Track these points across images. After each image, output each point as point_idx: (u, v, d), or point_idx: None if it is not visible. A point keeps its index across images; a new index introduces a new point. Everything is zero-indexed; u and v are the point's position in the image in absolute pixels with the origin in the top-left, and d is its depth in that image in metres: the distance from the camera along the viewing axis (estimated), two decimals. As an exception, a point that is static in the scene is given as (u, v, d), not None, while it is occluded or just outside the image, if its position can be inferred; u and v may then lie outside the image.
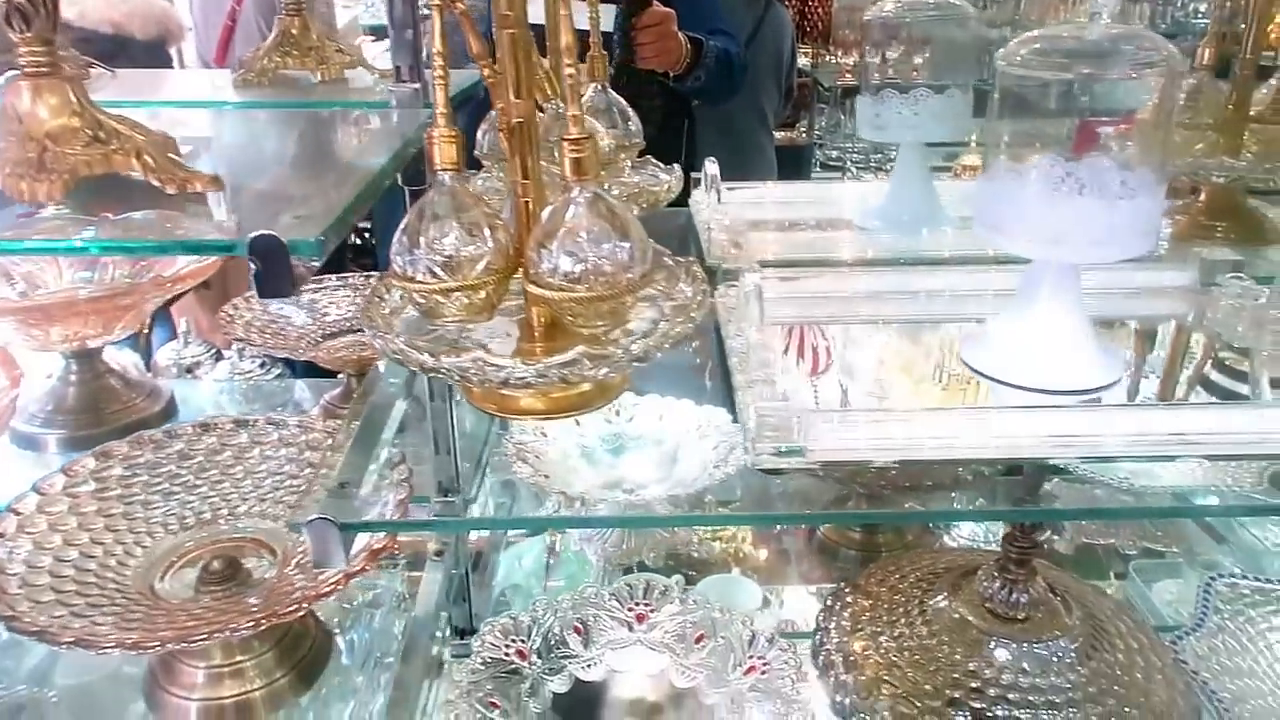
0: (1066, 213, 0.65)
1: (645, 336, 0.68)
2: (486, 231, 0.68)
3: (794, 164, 3.28)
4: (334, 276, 1.32)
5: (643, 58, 1.71)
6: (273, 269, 0.52)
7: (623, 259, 0.66)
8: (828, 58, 3.98)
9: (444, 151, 0.67)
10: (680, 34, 1.78)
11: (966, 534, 1.27)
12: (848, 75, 3.91)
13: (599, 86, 1.09)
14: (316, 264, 1.33)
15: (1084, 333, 0.73)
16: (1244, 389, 0.80)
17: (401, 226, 0.67)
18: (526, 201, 0.72)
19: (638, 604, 0.97)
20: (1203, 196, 1.09)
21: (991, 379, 0.73)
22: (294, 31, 1.05)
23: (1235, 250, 1.06)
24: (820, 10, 3.95)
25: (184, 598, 0.76)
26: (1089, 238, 0.65)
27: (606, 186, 1.04)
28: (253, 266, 0.52)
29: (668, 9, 1.75)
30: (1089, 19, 0.65)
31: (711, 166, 1.08)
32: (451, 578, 1.02)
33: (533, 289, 0.67)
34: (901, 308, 0.87)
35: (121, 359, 1.67)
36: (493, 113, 0.79)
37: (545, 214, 0.67)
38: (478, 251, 0.67)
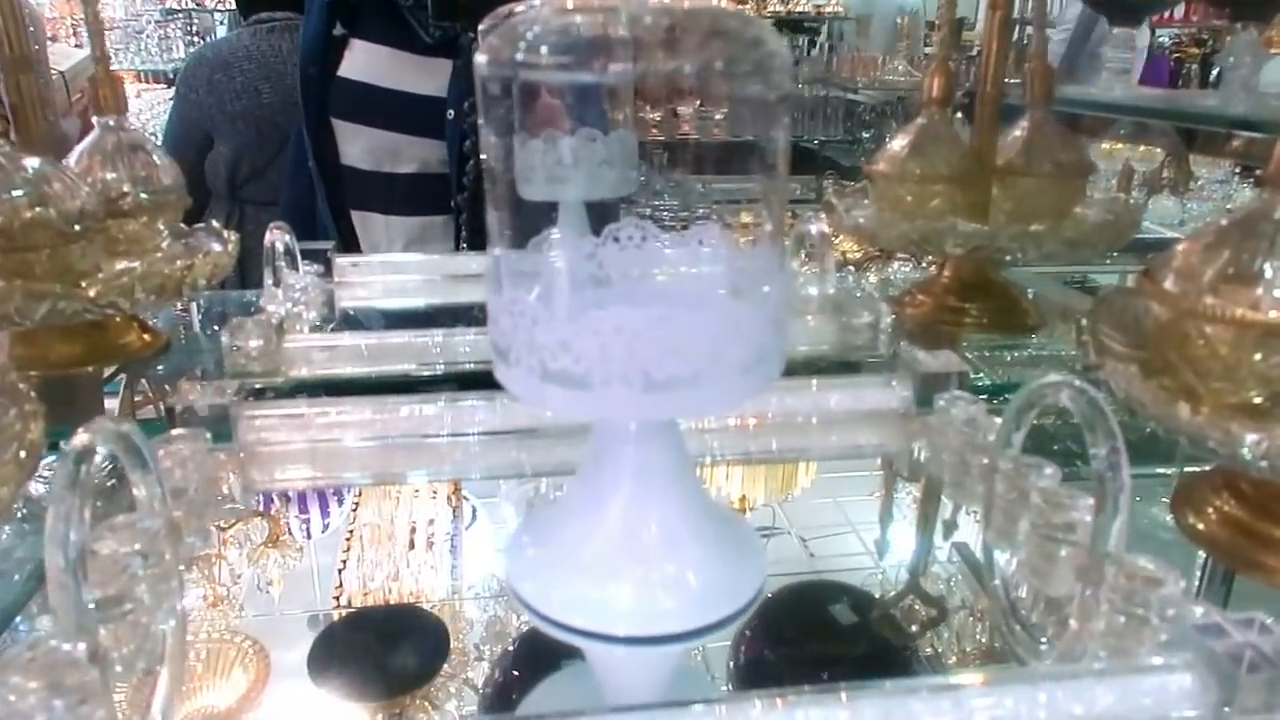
0: (601, 338, 0.35)
1: None
2: None
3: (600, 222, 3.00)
4: None
5: None
6: None
7: None
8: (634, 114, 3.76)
9: None
10: None
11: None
12: (654, 131, 3.72)
13: (109, 122, 0.75)
14: None
15: (689, 529, 0.43)
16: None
17: None
18: None
19: None
20: (947, 271, 0.84)
21: (534, 613, 0.42)
22: None
23: (990, 337, 0.81)
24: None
25: None
26: (642, 380, 0.36)
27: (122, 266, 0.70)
28: None
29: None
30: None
31: (277, 235, 0.75)
32: None
33: None
34: (447, 459, 0.55)
35: None
36: None
37: None
38: None
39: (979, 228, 0.72)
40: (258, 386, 0.64)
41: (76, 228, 0.65)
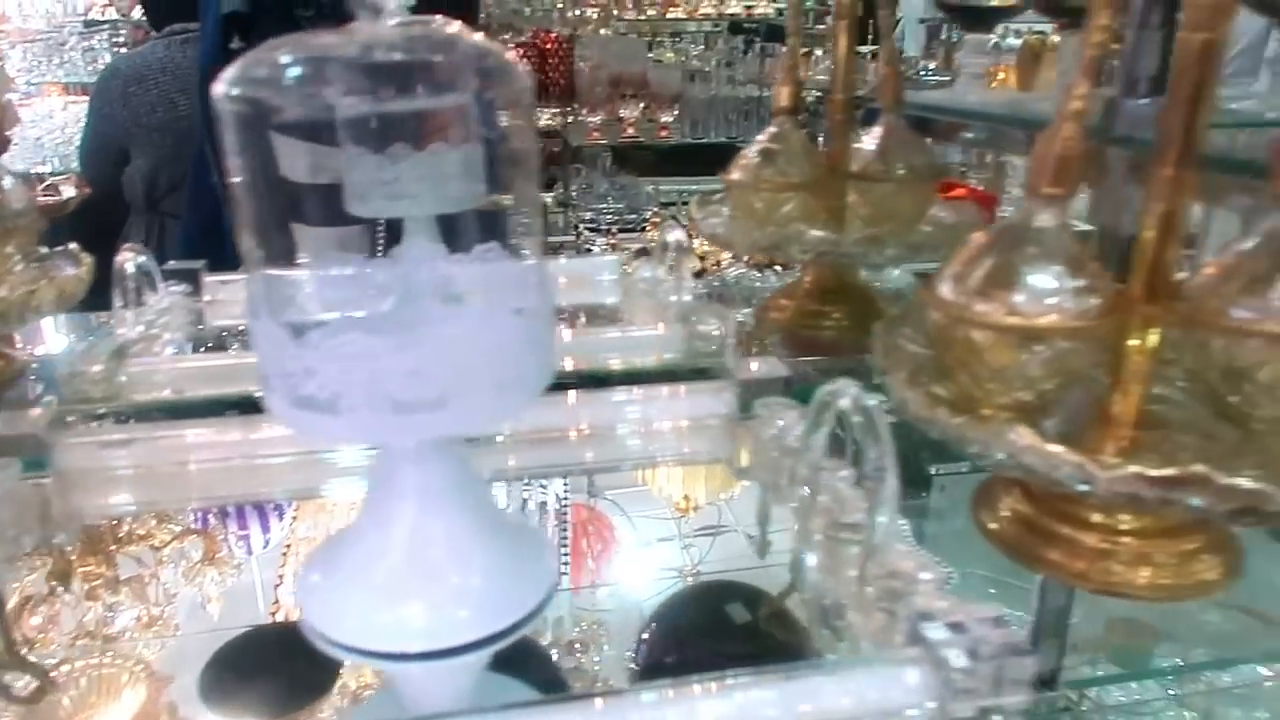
0: (344, 364, 0.36)
1: None
2: None
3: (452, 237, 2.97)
4: None
5: None
6: None
7: None
8: (574, 117, 3.77)
9: None
10: None
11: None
12: (595, 134, 3.75)
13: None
14: None
15: (474, 541, 0.44)
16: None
17: None
18: None
19: None
20: (808, 276, 0.85)
21: (330, 642, 0.43)
22: None
23: (847, 340, 0.83)
24: (561, 67, 3.76)
25: None
26: (388, 404, 0.36)
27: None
28: None
29: None
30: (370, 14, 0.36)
31: (127, 256, 0.74)
32: None
33: None
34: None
35: None
36: None
37: None
38: None
39: (824, 234, 0.74)
40: (100, 411, 0.64)
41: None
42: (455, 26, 0.37)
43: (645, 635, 1.07)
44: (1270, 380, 0.44)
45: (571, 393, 0.62)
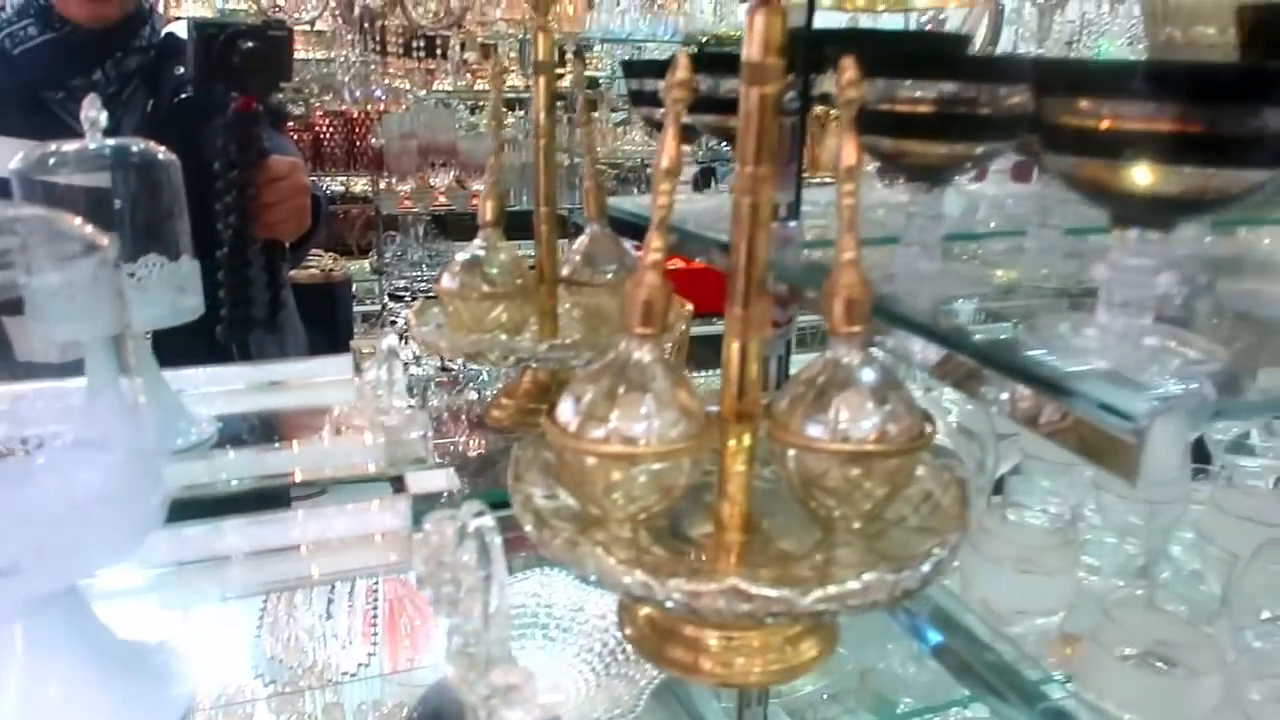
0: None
1: None
2: None
3: (328, 304, 2.95)
4: None
5: (268, 224, 1.11)
6: None
7: None
8: (385, 184, 3.77)
9: None
10: None
11: None
12: (407, 202, 3.75)
13: None
14: None
15: (94, 679, 0.45)
16: None
17: None
18: None
19: None
20: (527, 376, 0.90)
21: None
22: None
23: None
24: (369, 135, 3.76)
25: None
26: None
27: None
28: None
29: (293, 158, 1.22)
30: None
31: None
32: None
33: None
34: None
35: None
36: None
37: None
38: None
39: (516, 341, 0.79)
40: None
41: None
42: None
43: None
44: (835, 486, 0.51)
45: (260, 514, 0.63)
